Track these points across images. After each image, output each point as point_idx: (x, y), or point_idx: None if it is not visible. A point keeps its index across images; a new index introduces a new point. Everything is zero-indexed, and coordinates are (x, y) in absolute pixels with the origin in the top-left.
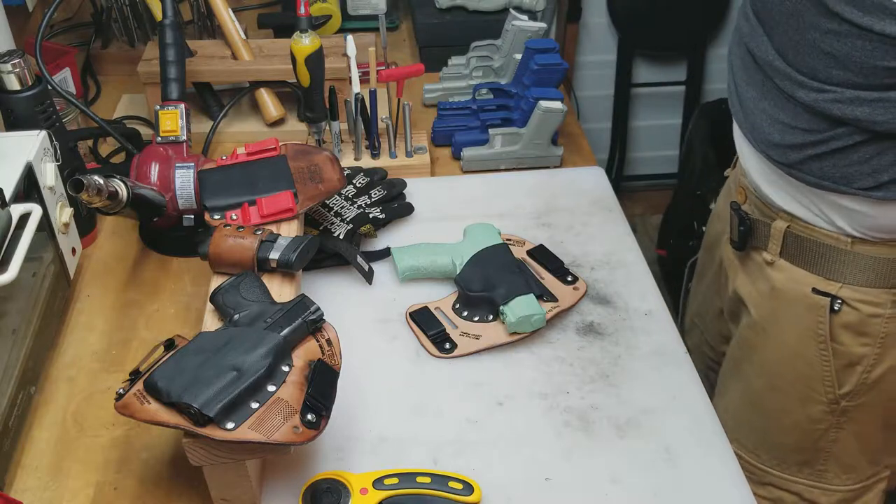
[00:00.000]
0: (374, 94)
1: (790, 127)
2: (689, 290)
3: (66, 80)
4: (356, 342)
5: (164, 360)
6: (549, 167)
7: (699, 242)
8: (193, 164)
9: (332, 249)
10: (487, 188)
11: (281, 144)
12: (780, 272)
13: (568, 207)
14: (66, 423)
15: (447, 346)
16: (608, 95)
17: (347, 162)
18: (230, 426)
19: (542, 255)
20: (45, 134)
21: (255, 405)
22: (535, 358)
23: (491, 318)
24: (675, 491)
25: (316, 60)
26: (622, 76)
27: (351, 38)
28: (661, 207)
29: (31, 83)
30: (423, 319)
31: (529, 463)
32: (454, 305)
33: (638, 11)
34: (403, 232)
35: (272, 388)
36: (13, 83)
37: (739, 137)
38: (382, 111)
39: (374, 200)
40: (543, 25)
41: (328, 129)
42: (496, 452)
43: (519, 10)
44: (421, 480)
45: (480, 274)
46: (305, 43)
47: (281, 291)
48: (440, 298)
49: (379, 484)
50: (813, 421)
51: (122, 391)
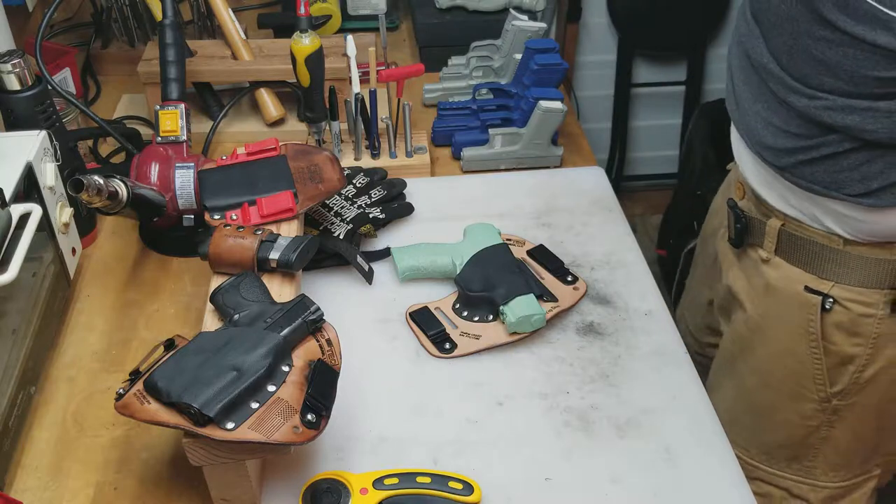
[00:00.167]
0: (374, 94)
1: (782, 131)
2: (683, 284)
3: (66, 80)
4: (356, 342)
5: (164, 360)
6: (549, 167)
7: None
8: (193, 164)
9: (332, 249)
10: (487, 188)
11: (281, 144)
12: (774, 269)
13: (568, 207)
14: (66, 423)
15: (447, 346)
16: (608, 95)
17: (347, 162)
18: (230, 426)
19: (542, 255)
20: (45, 134)
21: (255, 405)
22: (535, 358)
23: (491, 318)
24: (675, 491)
25: (316, 60)
26: (622, 76)
27: (351, 38)
28: (661, 207)
29: (31, 83)
30: (423, 319)
31: (529, 463)
32: (454, 305)
33: (638, 11)
34: (403, 232)
35: (272, 388)
36: (13, 83)
37: (736, 137)
38: (382, 111)
39: (374, 200)
40: (543, 25)
41: (328, 129)
42: (496, 452)
43: (519, 10)
44: (421, 480)
45: (480, 274)
46: (305, 43)
47: (281, 291)
48: (440, 298)
49: (379, 484)
50: (804, 418)
51: (122, 391)
